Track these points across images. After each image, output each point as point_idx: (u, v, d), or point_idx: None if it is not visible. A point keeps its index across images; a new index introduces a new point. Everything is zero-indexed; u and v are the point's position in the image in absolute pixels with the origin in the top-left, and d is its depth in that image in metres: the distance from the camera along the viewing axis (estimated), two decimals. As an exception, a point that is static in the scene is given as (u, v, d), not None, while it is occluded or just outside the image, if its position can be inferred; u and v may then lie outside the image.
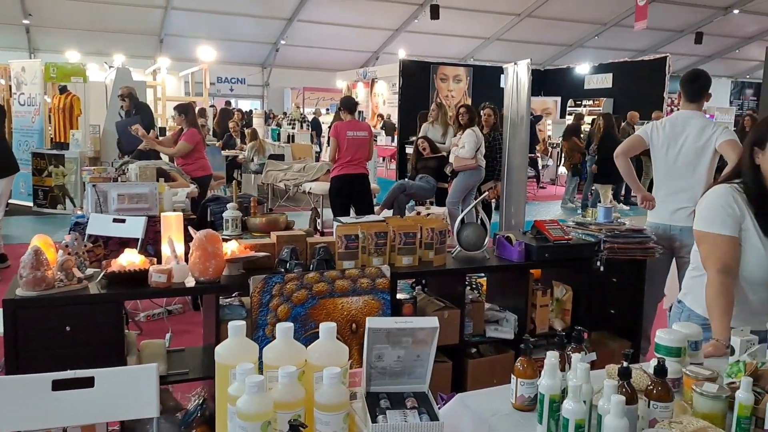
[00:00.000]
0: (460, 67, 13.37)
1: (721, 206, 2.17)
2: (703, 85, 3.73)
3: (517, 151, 6.16)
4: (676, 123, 3.69)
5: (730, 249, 2.15)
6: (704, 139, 3.57)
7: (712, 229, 2.18)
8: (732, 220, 2.15)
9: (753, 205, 2.16)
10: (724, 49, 22.75)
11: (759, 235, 2.14)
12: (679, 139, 3.63)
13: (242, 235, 3.63)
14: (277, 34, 21.02)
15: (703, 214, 2.23)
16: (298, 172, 9.02)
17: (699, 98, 3.71)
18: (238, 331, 1.39)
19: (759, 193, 2.16)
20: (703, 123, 3.65)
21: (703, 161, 3.58)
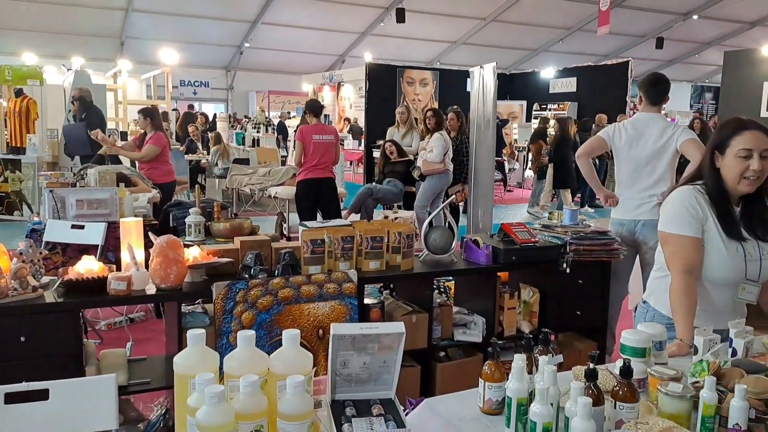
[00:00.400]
0: (427, 71, 13.42)
1: (685, 208, 2.20)
2: (665, 89, 3.83)
3: (484, 155, 6.18)
4: (638, 124, 3.77)
5: (693, 250, 2.17)
6: (665, 138, 3.66)
7: (676, 230, 2.20)
8: (695, 222, 2.18)
9: (714, 207, 2.19)
10: (684, 53, 23.28)
11: (721, 236, 2.17)
12: (641, 140, 3.71)
13: (205, 240, 3.55)
14: (241, 36, 20.81)
15: (667, 216, 2.26)
16: (263, 176, 8.93)
17: (660, 101, 3.81)
18: (198, 340, 1.34)
19: (719, 195, 2.19)
20: (665, 124, 3.74)
21: (665, 160, 3.67)
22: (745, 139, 2.13)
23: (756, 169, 2.10)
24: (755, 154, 2.11)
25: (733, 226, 2.18)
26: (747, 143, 2.12)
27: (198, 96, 23.48)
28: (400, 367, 1.47)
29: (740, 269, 2.19)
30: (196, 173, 10.51)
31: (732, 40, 21.33)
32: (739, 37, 21.20)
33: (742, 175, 2.13)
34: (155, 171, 6.05)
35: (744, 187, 2.14)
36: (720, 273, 2.19)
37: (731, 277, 2.20)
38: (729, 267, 2.18)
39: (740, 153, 2.12)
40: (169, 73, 14.14)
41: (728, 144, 2.17)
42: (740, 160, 2.13)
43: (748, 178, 2.12)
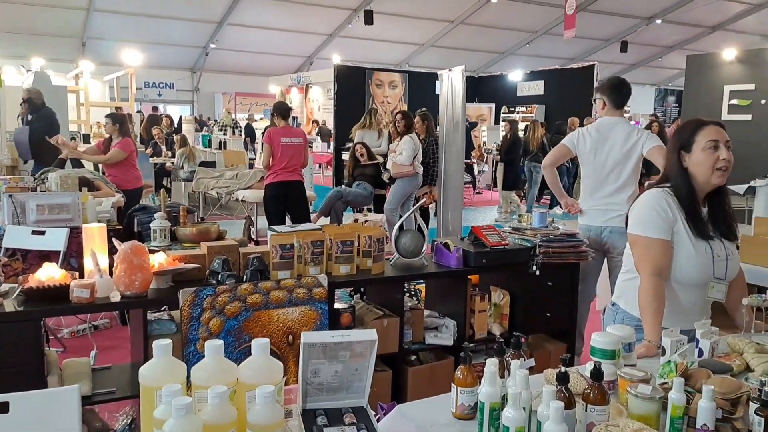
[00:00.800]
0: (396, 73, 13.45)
1: (655, 210, 2.23)
2: (629, 92, 3.88)
3: (454, 157, 6.20)
4: (603, 129, 3.79)
5: (662, 252, 2.20)
6: (630, 144, 3.69)
7: (646, 232, 2.23)
8: (665, 224, 2.21)
9: (683, 208, 2.22)
10: (648, 57, 23.73)
11: (690, 237, 2.21)
12: (606, 145, 3.73)
13: (171, 245, 3.49)
14: (206, 37, 20.57)
15: (636, 218, 2.28)
16: (230, 179, 8.83)
17: (624, 104, 3.85)
18: (164, 351, 1.30)
19: (689, 196, 2.23)
20: (629, 128, 3.78)
21: (629, 166, 3.70)
22: (708, 133, 2.20)
23: (726, 158, 2.18)
24: (721, 144, 2.19)
25: (703, 226, 2.22)
26: (712, 135, 2.19)
27: (163, 98, 23.15)
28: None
29: (709, 268, 2.23)
30: (162, 176, 10.35)
31: (694, 44, 21.82)
32: (700, 42, 21.70)
33: (714, 166, 2.18)
34: (123, 176, 5.96)
35: (717, 178, 2.19)
36: (689, 273, 2.23)
37: (700, 277, 2.24)
38: (698, 267, 2.22)
39: (708, 145, 2.18)
40: (133, 74, 13.89)
41: (693, 141, 2.21)
42: (709, 153, 2.18)
43: (720, 168, 2.18)
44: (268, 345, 1.31)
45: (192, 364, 2.78)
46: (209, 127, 17.79)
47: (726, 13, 20.24)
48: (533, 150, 10.40)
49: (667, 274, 2.22)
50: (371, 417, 1.40)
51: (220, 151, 12.38)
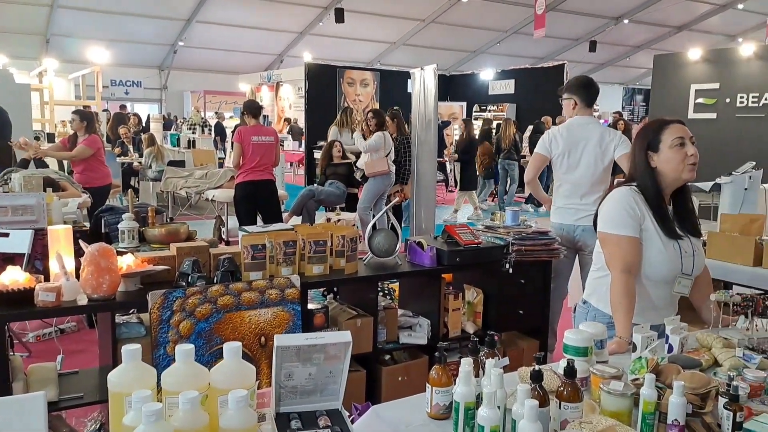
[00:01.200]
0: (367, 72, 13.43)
1: (623, 208, 2.25)
2: (597, 91, 3.92)
3: (426, 156, 6.21)
4: (574, 129, 3.81)
5: (631, 249, 2.23)
6: (604, 146, 3.73)
7: (615, 230, 2.26)
8: (633, 222, 2.24)
9: (651, 207, 2.25)
10: (616, 57, 24.07)
11: (659, 234, 2.24)
12: (579, 145, 3.76)
13: (139, 247, 3.42)
14: (174, 35, 20.29)
15: (605, 217, 2.31)
16: (200, 178, 8.71)
17: (593, 103, 3.88)
18: (133, 356, 1.27)
19: (656, 194, 2.26)
20: (601, 129, 3.82)
21: (602, 166, 3.74)
22: (674, 130, 2.24)
23: (693, 153, 2.22)
24: (687, 140, 2.23)
25: (670, 224, 2.26)
26: (677, 133, 2.24)
27: (130, 96, 22.78)
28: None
29: (677, 265, 2.26)
30: (129, 176, 10.18)
31: (660, 43, 22.20)
32: (666, 41, 22.09)
33: (685, 162, 2.22)
34: (92, 174, 5.88)
35: (687, 173, 2.23)
36: (659, 269, 2.26)
37: (670, 273, 2.27)
38: (667, 263, 2.25)
39: (675, 142, 2.22)
40: (99, 72, 13.64)
41: (660, 139, 2.25)
42: (677, 149, 2.22)
43: (690, 163, 2.22)
44: (239, 349, 1.28)
45: (162, 367, 2.74)
46: (178, 125, 17.55)
47: (691, 13, 20.63)
48: (505, 148, 10.45)
49: (636, 271, 2.25)
50: (346, 419, 1.38)
51: (189, 150, 12.22)
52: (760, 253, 3.50)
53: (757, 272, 3.47)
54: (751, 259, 3.49)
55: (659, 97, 9.75)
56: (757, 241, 3.55)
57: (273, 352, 1.29)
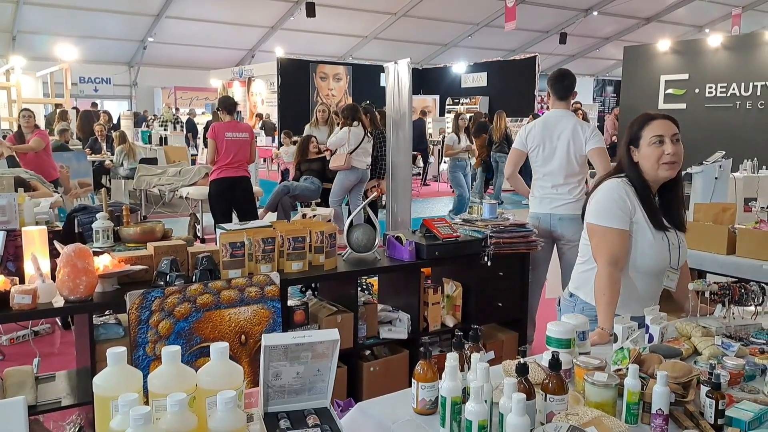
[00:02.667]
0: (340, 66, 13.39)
1: (614, 200, 2.27)
2: (571, 84, 3.93)
3: (401, 150, 6.20)
4: (548, 123, 3.86)
5: (619, 242, 2.25)
6: (576, 139, 3.77)
7: (604, 222, 2.27)
8: (623, 214, 2.26)
9: (640, 199, 2.27)
10: (586, 48, 24.27)
11: (649, 226, 2.26)
12: (553, 139, 3.80)
13: (115, 246, 3.36)
14: (144, 30, 19.96)
15: (595, 208, 2.32)
16: (173, 176, 8.60)
17: (567, 96, 3.91)
18: (118, 359, 1.25)
19: (642, 188, 2.28)
20: (574, 122, 3.84)
21: (576, 159, 3.77)
22: (654, 128, 2.25)
23: (671, 152, 2.21)
24: (667, 138, 2.22)
25: (658, 217, 2.28)
26: (657, 130, 2.24)
27: (99, 93, 22.37)
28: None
29: (665, 257, 2.29)
30: (100, 174, 10.00)
31: (629, 35, 22.45)
32: (635, 33, 22.34)
33: (660, 161, 2.22)
34: (42, 167, 5.88)
35: (664, 171, 2.24)
36: (649, 262, 2.28)
37: (658, 265, 2.30)
38: (657, 256, 2.27)
39: (653, 140, 2.23)
40: (68, 69, 13.37)
41: (640, 136, 2.26)
42: (654, 147, 2.23)
43: (666, 162, 2.22)
44: (227, 349, 1.27)
45: (142, 368, 2.70)
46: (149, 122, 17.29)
47: (659, 5, 20.90)
48: (497, 141, 10.55)
49: (623, 264, 2.27)
50: (335, 417, 1.37)
51: (162, 148, 12.06)
52: (733, 242, 3.57)
53: (731, 260, 3.54)
54: (724, 248, 3.56)
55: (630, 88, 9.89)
56: (730, 229, 3.61)
57: (261, 351, 1.28)
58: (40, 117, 13.64)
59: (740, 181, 6.80)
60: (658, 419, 1.60)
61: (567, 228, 3.73)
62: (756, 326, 2.31)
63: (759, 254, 3.44)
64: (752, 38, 9.41)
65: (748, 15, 20.31)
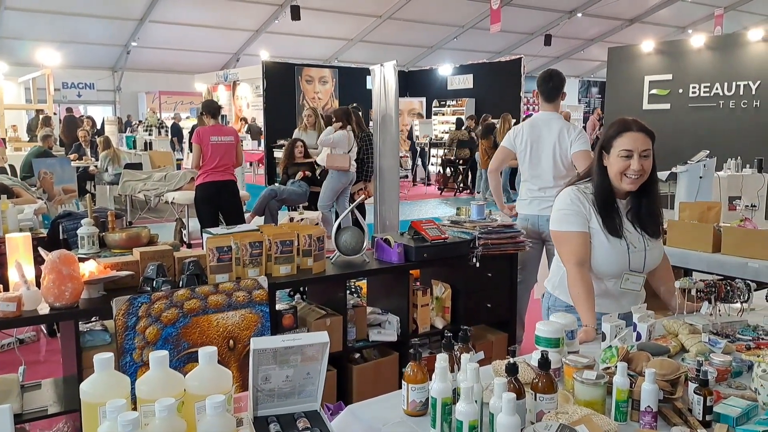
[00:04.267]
0: (326, 69, 13.36)
1: (568, 206, 2.34)
2: (557, 85, 3.89)
3: (388, 152, 6.20)
4: (536, 125, 3.86)
5: (581, 243, 2.30)
6: (562, 142, 3.76)
7: (564, 227, 2.34)
8: (580, 218, 2.31)
9: (597, 205, 2.30)
10: (571, 50, 24.40)
11: (604, 231, 2.29)
12: (540, 141, 3.81)
13: (100, 252, 3.34)
14: (127, 35, 19.82)
15: (554, 216, 2.40)
16: (159, 181, 8.54)
17: (554, 98, 3.88)
18: (106, 365, 1.23)
19: (604, 191, 2.31)
20: (561, 125, 3.83)
21: (562, 162, 3.78)
22: (626, 141, 2.24)
23: (635, 169, 2.22)
24: (635, 154, 2.22)
25: (612, 222, 2.30)
26: (628, 144, 2.23)
27: (83, 98, 22.19)
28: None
29: (623, 262, 2.32)
30: (85, 180, 9.92)
31: (613, 36, 22.60)
32: (619, 34, 22.49)
33: (623, 173, 2.25)
34: None
35: (626, 185, 2.27)
36: (606, 267, 2.33)
37: (615, 270, 2.33)
38: (613, 260, 2.31)
39: (622, 153, 2.24)
40: (50, 75, 13.25)
41: (612, 144, 2.28)
42: (622, 160, 2.24)
43: (629, 176, 2.24)
44: (215, 354, 1.26)
45: (130, 374, 2.68)
46: (133, 127, 17.18)
47: (642, 6, 21.07)
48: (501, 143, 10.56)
49: (588, 263, 2.32)
50: (326, 420, 1.37)
51: (146, 153, 11.98)
52: (718, 240, 3.60)
53: (716, 258, 3.57)
54: (710, 246, 3.59)
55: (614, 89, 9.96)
56: (716, 228, 3.64)
57: (249, 355, 1.27)
58: (23, 123, 13.54)
59: (724, 180, 6.88)
60: (646, 416, 1.61)
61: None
62: (742, 323, 2.33)
63: (744, 252, 3.47)
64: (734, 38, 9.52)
65: (730, 15, 20.53)
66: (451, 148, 12.75)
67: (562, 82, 3.91)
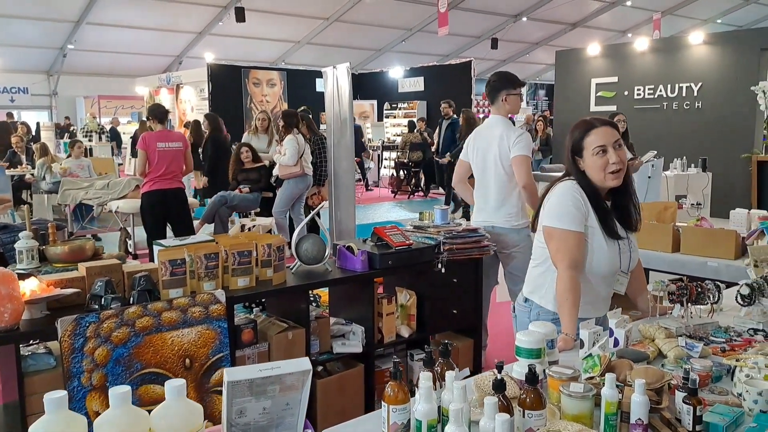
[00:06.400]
0: (274, 71, 13.15)
1: (570, 202, 2.22)
2: (494, 87, 3.68)
3: (343, 156, 6.08)
4: (480, 132, 3.77)
5: (577, 244, 2.20)
6: (503, 147, 3.59)
7: (561, 225, 2.22)
8: (580, 216, 2.21)
9: (592, 204, 2.23)
10: (517, 53, 24.77)
11: (602, 232, 2.22)
12: (485, 149, 3.67)
13: (41, 267, 3.12)
14: (63, 38, 19.09)
15: (551, 211, 2.26)
16: (101, 189, 8.17)
17: (494, 100, 3.67)
18: (58, 405, 1.08)
19: (593, 193, 2.24)
20: (502, 130, 3.62)
21: (505, 167, 3.62)
22: (596, 138, 2.20)
23: (614, 161, 2.18)
24: (609, 147, 2.19)
25: (611, 222, 2.24)
26: (599, 140, 2.19)
27: (16, 103, 21.27)
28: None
29: (617, 261, 2.26)
30: (20, 190, 9.43)
31: (557, 40, 23.07)
32: (563, 38, 22.98)
33: (605, 170, 2.19)
34: None
35: (610, 181, 2.21)
36: (602, 266, 2.25)
37: (610, 269, 2.27)
38: (609, 260, 2.25)
39: (595, 150, 2.19)
40: (-20, 78, 12.60)
41: (583, 146, 2.23)
42: (598, 157, 2.19)
43: (611, 170, 2.19)
44: (184, 387, 1.12)
45: (77, 400, 2.48)
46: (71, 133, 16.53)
47: (584, 11, 21.57)
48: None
49: (582, 267, 2.22)
50: (307, 455, 1.24)
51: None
52: (677, 240, 3.62)
53: (676, 258, 3.59)
54: (669, 246, 3.61)
55: (562, 92, 10.11)
56: (674, 228, 3.67)
57: (224, 388, 1.13)
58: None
59: (671, 179, 7.03)
60: (637, 429, 1.55)
61: (499, 237, 3.64)
62: (713, 324, 2.32)
63: (703, 251, 3.50)
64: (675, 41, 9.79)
65: (668, 20, 21.24)
66: (404, 151, 12.73)
67: (498, 83, 3.68)
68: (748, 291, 2.34)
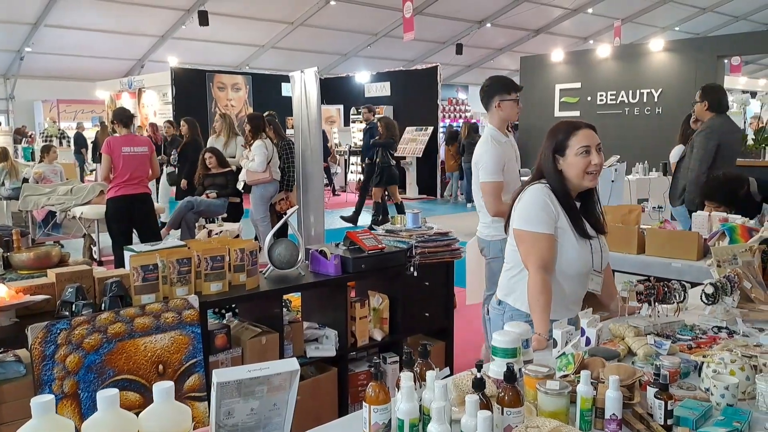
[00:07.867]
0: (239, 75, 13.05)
1: (540, 206, 2.28)
2: (486, 93, 3.52)
3: (311, 160, 6.08)
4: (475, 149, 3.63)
5: (547, 246, 2.26)
6: (476, 171, 3.48)
7: (532, 227, 2.27)
8: (549, 219, 2.26)
9: (562, 205, 2.29)
10: (481, 59, 25.02)
11: (573, 231, 2.28)
12: (474, 166, 3.56)
13: (5, 275, 3.06)
14: (21, 40, 18.61)
15: (521, 214, 2.31)
16: (64, 195, 8.00)
17: (487, 107, 3.56)
18: (45, 409, 1.07)
19: (565, 195, 2.30)
20: (480, 150, 3.48)
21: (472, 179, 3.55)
22: (581, 138, 2.27)
23: (596, 162, 2.26)
24: (593, 149, 2.26)
25: (582, 223, 2.30)
26: (584, 141, 2.26)
27: (-30, 108, 20.68)
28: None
29: (589, 261, 2.32)
30: (-21, 196, 9.18)
31: (521, 46, 23.40)
32: (526, 44, 23.30)
33: (586, 170, 2.25)
34: None
35: (588, 181, 2.27)
36: (574, 266, 2.30)
37: (583, 269, 2.32)
38: (581, 260, 2.30)
39: (580, 150, 2.25)
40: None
41: (567, 145, 2.28)
42: (581, 158, 2.25)
43: (592, 172, 2.26)
44: (172, 390, 1.12)
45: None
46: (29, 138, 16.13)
47: (547, 17, 21.92)
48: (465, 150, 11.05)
49: (552, 268, 2.28)
50: (294, 455, 1.26)
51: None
52: (642, 242, 3.72)
53: (641, 259, 3.69)
54: (635, 248, 3.70)
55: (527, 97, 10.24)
56: (639, 230, 3.77)
57: (212, 389, 1.14)
58: None
59: (633, 183, 7.20)
60: (611, 424, 1.59)
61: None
62: (679, 323, 2.39)
63: (667, 252, 3.60)
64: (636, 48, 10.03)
65: (628, 27, 21.72)
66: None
67: (491, 87, 3.54)
68: (713, 290, 2.42)
